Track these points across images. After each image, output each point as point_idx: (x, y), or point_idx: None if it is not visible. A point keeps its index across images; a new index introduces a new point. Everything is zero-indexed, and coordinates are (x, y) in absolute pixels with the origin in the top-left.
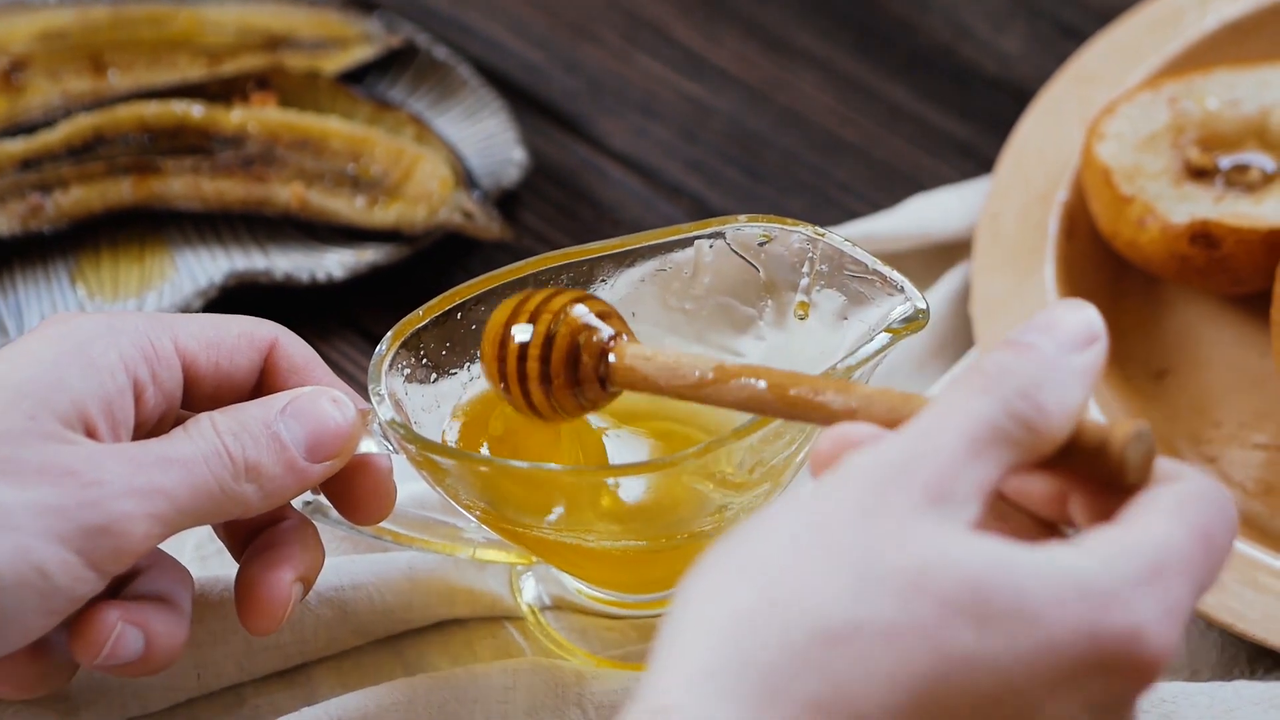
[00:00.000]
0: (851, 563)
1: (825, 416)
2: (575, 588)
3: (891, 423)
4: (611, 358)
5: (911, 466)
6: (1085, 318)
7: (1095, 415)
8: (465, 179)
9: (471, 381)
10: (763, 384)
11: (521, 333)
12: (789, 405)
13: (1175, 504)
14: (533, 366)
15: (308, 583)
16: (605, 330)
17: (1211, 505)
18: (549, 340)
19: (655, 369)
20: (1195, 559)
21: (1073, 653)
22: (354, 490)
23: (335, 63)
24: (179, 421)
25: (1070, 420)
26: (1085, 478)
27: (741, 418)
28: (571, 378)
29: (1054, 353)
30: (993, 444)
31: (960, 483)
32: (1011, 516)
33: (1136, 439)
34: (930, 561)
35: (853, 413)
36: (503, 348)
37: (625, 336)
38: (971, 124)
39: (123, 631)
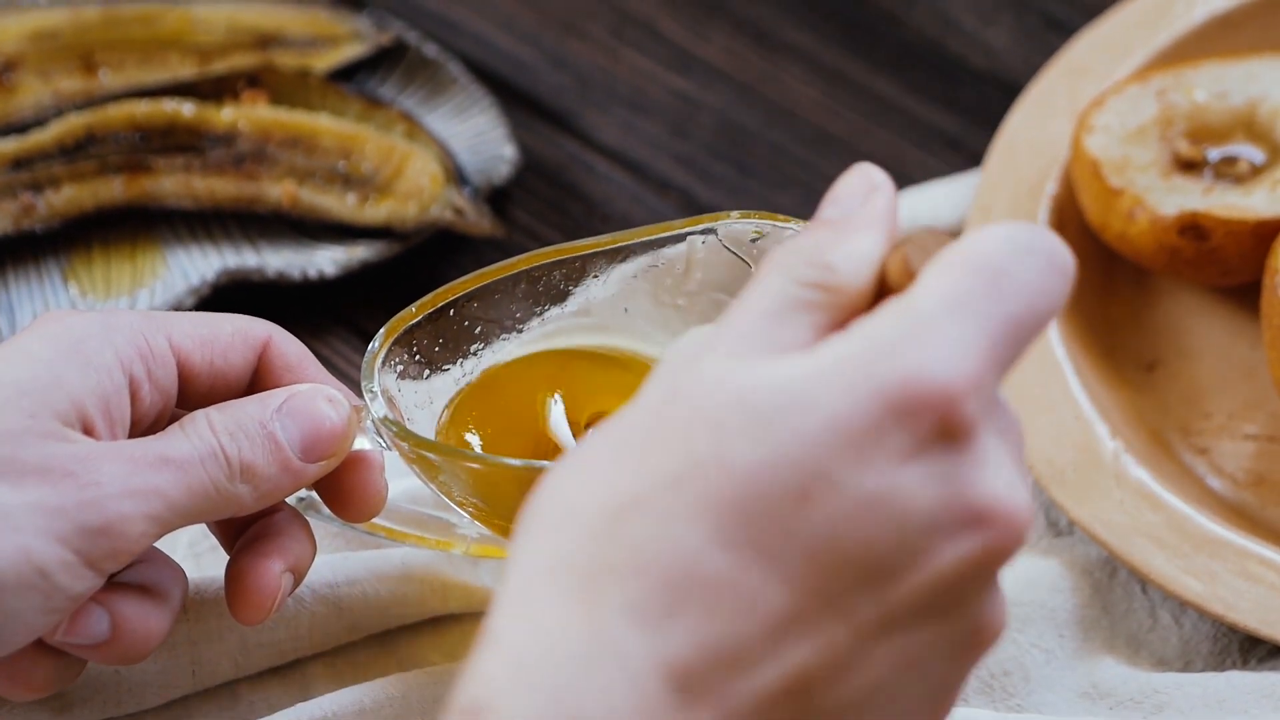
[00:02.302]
0: (634, 436)
1: None
2: None
3: None
4: None
5: (707, 345)
6: (862, 175)
7: (1086, 409)
8: (456, 176)
9: (464, 378)
10: None
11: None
12: None
13: (951, 257)
14: None
15: (298, 574)
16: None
17: (998, 244)
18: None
19: None
20: (979, 294)
21: (855, 416)
22: (344, 487)
23: (325, 61)
24: (174, 420)
25: (865, 265)
26: None
27: None
28: None
29: (835, 214)
30: (789, 311)
31: (753, 344)
32: None
33: (918, 251)
34: (698, 398)
35: None
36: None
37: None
38: (959, 117)
39: (87, 610)
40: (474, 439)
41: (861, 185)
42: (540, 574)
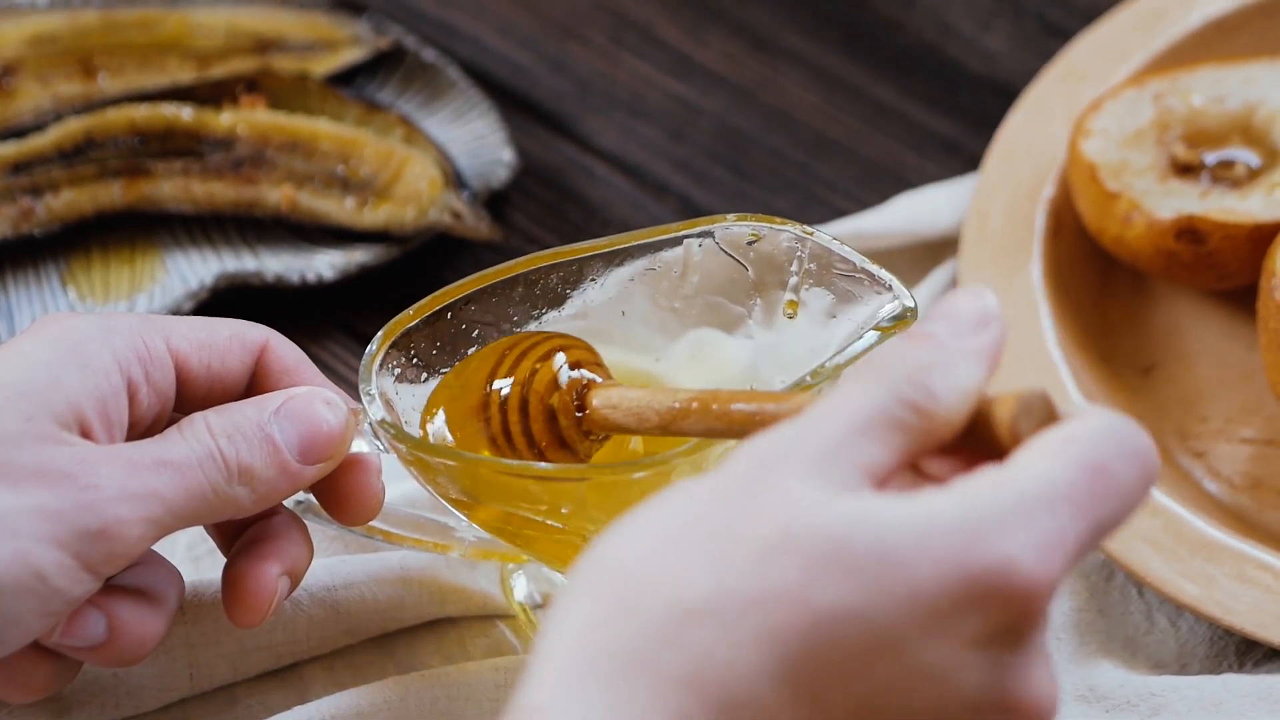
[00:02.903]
0: (716, 539)
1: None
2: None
3: None
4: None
5: (793, 447)
6: (979, 301)
7: None
8: (454, 180)
9: None
10: (715, 407)
11: (500, 394)
12: (743, 424)
13: (1060, 441)
14: (515, 432)
15: (295, 577)
16: (583, 376)
17: (1106, 439)
18: (524, 407)
19: (623, 415)
20: (1081, 491)
21: (941, 592)
22: (342, 490)
23: (324, 65)
24: (171, 423)
25: (964, 402)
26: (997, 456)
27: None
28: (556, 439)
29: (946, 337)
30: (880, 428)
31: (840, 460)
32: None
33: (1025, 412)
34: (792, 523)
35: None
36: (485, 410)
37: (595, 381)
38: (957, 122)
39: (84, 613)
40: (440, 419)
41: (976, 311)
42: (598, 655)
